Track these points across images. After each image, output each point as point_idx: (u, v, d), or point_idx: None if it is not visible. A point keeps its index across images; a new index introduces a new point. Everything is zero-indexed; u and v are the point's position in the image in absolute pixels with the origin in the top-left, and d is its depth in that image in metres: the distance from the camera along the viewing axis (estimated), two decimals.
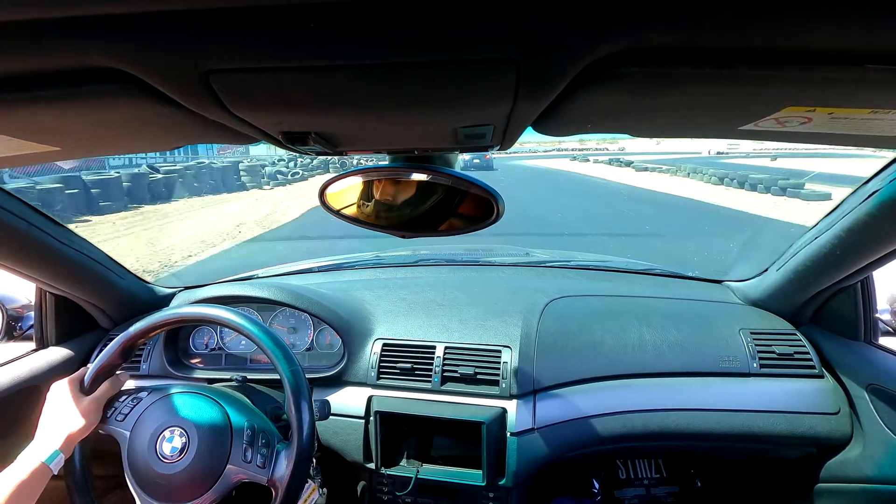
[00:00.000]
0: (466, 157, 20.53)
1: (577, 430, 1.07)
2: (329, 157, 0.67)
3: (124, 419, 0.82)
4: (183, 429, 0.79)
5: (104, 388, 0.83)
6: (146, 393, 0.86)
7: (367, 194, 0.75)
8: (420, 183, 0.71)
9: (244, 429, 0.81)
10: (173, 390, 0.86)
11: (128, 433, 0.81)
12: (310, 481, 1.03)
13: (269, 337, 0.83)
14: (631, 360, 1.13)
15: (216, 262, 6.59)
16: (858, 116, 0.40)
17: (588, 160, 34.21)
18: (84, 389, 0.82)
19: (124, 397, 0.85)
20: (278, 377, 0.81)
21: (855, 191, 0.87)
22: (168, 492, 0.77)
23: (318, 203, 0.76)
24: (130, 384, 1.21)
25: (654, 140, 0.61)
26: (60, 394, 0.81)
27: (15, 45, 0.29)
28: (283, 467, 0.77)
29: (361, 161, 0.89)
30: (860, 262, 0.93)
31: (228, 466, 0.78)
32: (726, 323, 1.18)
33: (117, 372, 0.87)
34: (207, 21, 0.27)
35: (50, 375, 1.15)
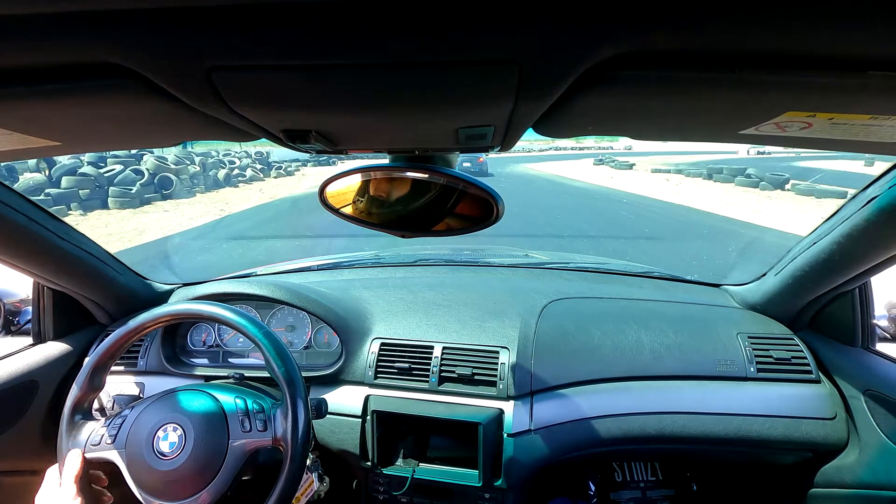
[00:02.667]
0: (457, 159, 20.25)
1: (573, 432, 1.07)
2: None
3: (114, 440, 0.81)
4: (176, 423, 0.79)
5: (69, 470, 0.79)
6: (129, 410, 0.85)
7: (362, 191, 0.76)
8: (414, 180, 0.72)
9: (235, 405, 0.82)
10: (159, 394, 0.86)
11: (123, 450, 0.80)
12: (307, 473, 1.03)
13: (259, 329, 0.83)
14: (628, 362, 1.13)
15: None
16: (858, 122, 0.40)
17: (632, 167, 23.45)
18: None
19: (108, 421, 0.84)
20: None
21: (854, 197, 0.87)
22: (177, 487, 0.77)
23: None
24: (130, 380, 1.22)
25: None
26: (52, 482, 0.80)
27: (17, 39, 0.29)
28: (283, 423, 0.79)
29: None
30: (858, 268, 0.93)
31: (231, 443, 0.78)
32: (724, 327, 1.18)
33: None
34: (210, 18, 0.27)
35: (47, 370, 1.15)
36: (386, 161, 0.69)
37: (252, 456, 0.80)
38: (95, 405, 0.93)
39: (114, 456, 0.80)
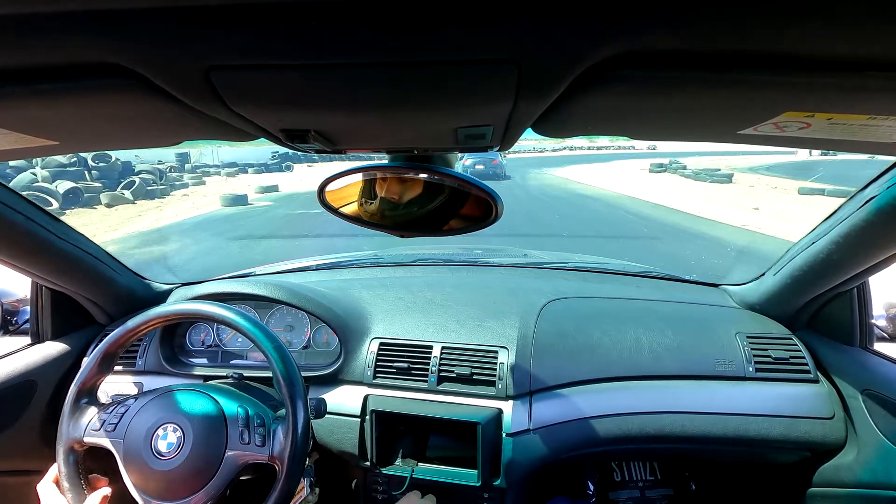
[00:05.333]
0: (468, 161, 16.80)
1: (572, 432, 1.07)
2: None
3: (115, 428, 0.81)
4: (176, 424, 0.79)
5: (94, 499, 0.79)
6: (133, 400, 0.85)
7: (370, 192, 0.75)
8: (427, 183, 0.71)
9: (237, 414, 0.81)
10: (162, 391, 0.86)
11: (121, 441, 0.80)
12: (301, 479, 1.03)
13: (258, 328, 0.83)
14: (627, 362, 1.13)
15: None
16: (857, 122, 0.40)
17: (731, 179, 15.54)
18: (67, 498, 0.80)
19: (112, 407, 0.84)
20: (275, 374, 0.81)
21: (852, 197, 0.87)
22: (171, 488, 0.77)
23: None
24: (128, 380, 1.21)
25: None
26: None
27: (16, 38, 0.29)
28: (282, 441, 0.78)
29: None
30: (856, 268, 0.93)
31: (228, 452, 0.78)
32: (723, 326, 1.18)
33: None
34: (209, 17, 0.27)
35: (45, 370, 1.15)
36: (385, 161, 0.69)
37: (247, 466, 0.80)
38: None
39: (111, 444, 0.81)
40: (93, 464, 0.85)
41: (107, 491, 0.81)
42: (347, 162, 0.72)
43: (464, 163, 17.10)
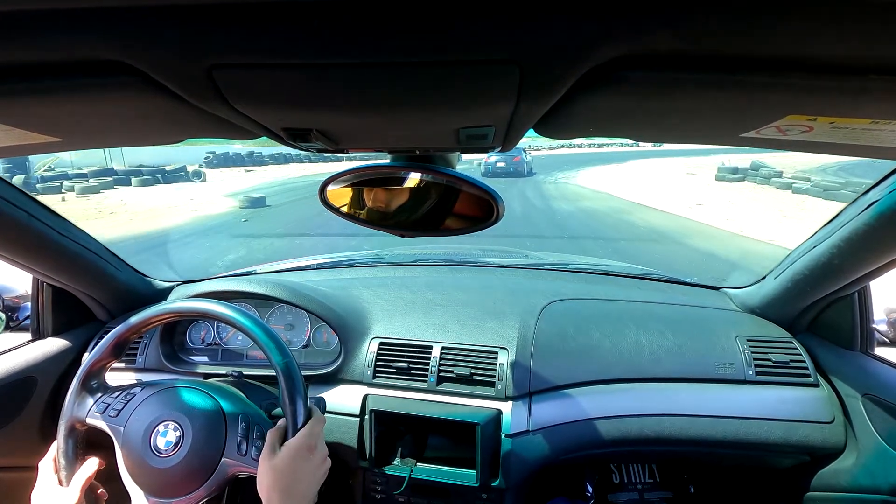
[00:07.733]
0: (492, 158, 16.43)
1: (572, 433, 1.07)
2: None
3: (118, 415, 0.82)
4: (177, 423, 0.79)
5: (80, 476, 0.80)
6: (139, 388, 0.85)
7: (359, 202, 0.75)
8: (413, 189, 0.71)
9: (239, 421, 0.81)
10: (167, 385, 0.86)
11: (122, 429, 0.80)
12: None
13: (261, 329, 0.82)
14: (627, 364, 1.13)
15: None
16: (859, 126, 0.40)
17: None
18: (59, 476, 0.80)
19: (118, 393, 0.85)
20: (274, 373, 0.81)
21: (854, 201, 0.87)
22: (164, 486, 0.77)
23: None
24: (129, 377, 1.22)
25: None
26: (47, 477, 0.80)
27: (18, 36, 0.29)
28: None
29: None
30: (858, 273, 0.93)
31: (223, 459, 0.78)
32: (723, 329, 1.18)
33: (89, 464, 0.82)
34: (212, 16, 0.27)
35: (46, 366, 1.15)
36: (386, 161, 0.69)
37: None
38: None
39: (111, 430, 0.81)
40: (92, 447, 0.86)
41: (98, 463, 0.81)
42: (346, 163, 0.71)
43: (486, 160, 17.05)
